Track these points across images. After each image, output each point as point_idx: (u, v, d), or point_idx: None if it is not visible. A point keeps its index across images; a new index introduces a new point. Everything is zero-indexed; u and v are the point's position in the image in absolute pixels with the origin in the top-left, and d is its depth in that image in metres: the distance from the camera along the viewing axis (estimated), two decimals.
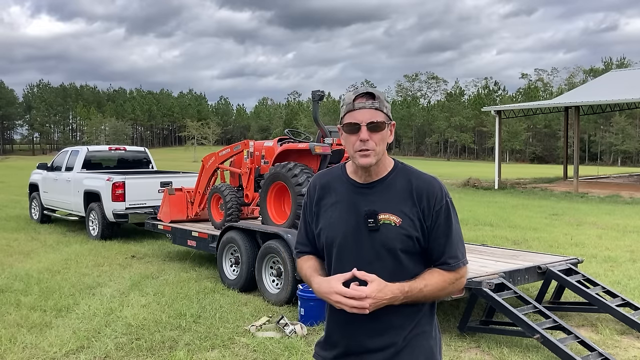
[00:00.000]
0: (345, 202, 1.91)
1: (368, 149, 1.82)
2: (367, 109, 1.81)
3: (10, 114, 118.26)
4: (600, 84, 30.05)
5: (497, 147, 23.96)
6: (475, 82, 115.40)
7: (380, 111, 1.83)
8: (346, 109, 1.85)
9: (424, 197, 1.86)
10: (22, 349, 4.74)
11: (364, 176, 1.90)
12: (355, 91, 1.86)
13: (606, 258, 8.52)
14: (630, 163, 73.74)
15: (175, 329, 5.26)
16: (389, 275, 1.81)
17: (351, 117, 1.83)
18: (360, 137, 1.81)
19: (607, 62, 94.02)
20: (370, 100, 1.82)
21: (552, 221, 13.12)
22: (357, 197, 1.90)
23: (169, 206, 8.59)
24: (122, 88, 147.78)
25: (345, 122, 1.86)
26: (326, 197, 1.96)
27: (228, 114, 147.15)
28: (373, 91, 1.84)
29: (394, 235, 1.83)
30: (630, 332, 5.17)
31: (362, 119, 1.81)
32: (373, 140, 1.82)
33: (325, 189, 1.97)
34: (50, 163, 12.57)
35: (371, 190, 1.89)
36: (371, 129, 1.82)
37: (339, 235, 1.89)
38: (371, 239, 1.85)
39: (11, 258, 8.72)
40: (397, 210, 1.85)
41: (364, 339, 1.88)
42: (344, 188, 1.93)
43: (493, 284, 4.86)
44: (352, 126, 1.83)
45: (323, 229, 1.94)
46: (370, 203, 1.87)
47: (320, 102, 8.74)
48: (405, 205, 1.86)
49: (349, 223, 1.88)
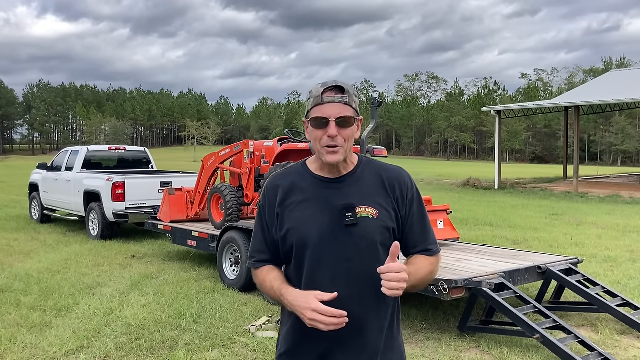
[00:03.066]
0: (316, 198, 1.80)
1: (337, 145, 1.75)
2: (336, 103, 1.74)
3: (10, 113, 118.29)
4: (600, 84, 30.04)
5: (497, 147, 23.96)
6: (475, 82, 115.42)
7: (349, 106, 1.76)
8: (314, 102, 1.77)
9: (396, 187, 1.84)
10: (22, 348, 4.74)
11: (332, 172, 1.82)
12: (324, 84, 1.77)
13: (606, 258, 8.52)
14: (630, 163, 73.73)
15: (175, 329, 5.26)
16: (368, 271, 1.74)
17: (319, 111, 1.75)
18: (329, 133, 1.74)
19: (607, 62, 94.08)
20: (340, 94, 1.75)
21: (552, 221, 13.12)
22: (329, 193, 1.80)
23: (169, 206, 8.59)
24: (122, 88, 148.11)
25: (312, 116, 1.76)
26: (291, 197, 1.82)
27: (228, 114, 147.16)
28: (342, 85, 1.76)
29: (373, 228, 1.78)
30: (630, 332, 5.17)
31: (330, 114, 1.74)
32: (342, 137, 1.75)
33: (288, 189, 1.84)
34: (50, 163, 12.57)
35: (342, 184, 1.81)
36: (340, 125, 1.74)
37: (313, 234, 1.77)
38: (349, 234, 1.76)
39: (11, 258, 8.72)
40: (373, 202, 1.80)
41: (343, 345, 1.79)
42: (312, 185, 1.82)
43: (493, 284, 4.86)
44: (320, 121, 1.75)
45: (291, 229, 1.80)
46: (345, 197, 1.79)
47: None
48: (380, 196, 1.82)
49: (323, 220, 1.77)
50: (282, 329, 1.93)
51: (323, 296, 1.66)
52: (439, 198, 16.94)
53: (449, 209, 6.94)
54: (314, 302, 1.66)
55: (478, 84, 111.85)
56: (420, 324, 5.43)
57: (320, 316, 1.63)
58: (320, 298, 1.66)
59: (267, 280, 1.86)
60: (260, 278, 1.90)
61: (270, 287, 1.84)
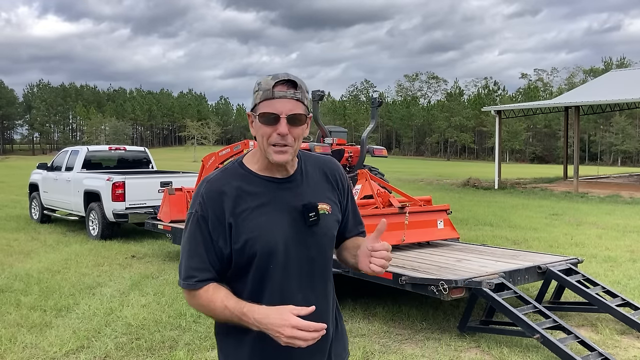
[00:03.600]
0: (272, 202, 1.68)
1: (286, 144, 1.63)
2: (287, 99, 1.61)
3: (10, 113, 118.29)
4: (600, 84, 30.04)
5: (497, 147, 23.96)
6: (475, 82, 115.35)
7: (301, 103, 1.64)
8: (263, 95, 1.62)
9: (337, 179, 1.84)
10: (22, 348, 4.74)
11: (280, 172, 1.71)
12: (275, 76, 1.63)
13: (606, 258, 8.52)
14: (630, 163, 73.75)
15: (175, 329, 5.26)
16: (326, 265, 1.76)
17: (269, 106, 1.61)
18: (279, 131, 1.61)
19: (607, 62, 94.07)
20: (292, 89, 1.62)
21: (552, 221, 13.12)
22: (283, 194, 1.70)
23: (169, 206, 8.59)
24: (122, 88, 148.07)
25: (261, 111, 1.63)
26: (241, 204, 1.65)
27: (228, 113, 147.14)
28: (295, 79, 1.64)
29: (331, 223, 1.76)
30: (630, 332, 5.17)
31: (282, 110, 1.60)
32: (292, 135, 1.63)
33: (236, 195, 1.66)
34: (50, 163, 12.57)
35: (293, 183, 1.72)
36: (291, 122, 1.62)
37: (279, 241, 1.65)
38: (312, 233, 1.71)
39: (11, 258, 8.72)
40: (325, 197, 1.77)
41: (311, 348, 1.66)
42: (263, 187, 1.69)
43: (493, 284, 4.86)
44: (270, 116, 1.61)
45: (251, 240, 1.63)
46: (301, 196, 1.71)
47: (320, 102, 8.75)
48: (328, 190, 1.80)
49: (285, 224, 1.67)
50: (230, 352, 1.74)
51: (299, 311, 1.50)
52: (439, 198, 16.94)
53: (449, 209, 6.94)
54: (291, 318, 1.48)
55: (478, 84, 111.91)
56: (420, 324, 5.43)
57: (301, 332, 1.47)
58: (296, 313, 1.49)
59: (215, 300, 1.61)
60: (204, 299, 1.64)
61: (222, 308, 1.60)
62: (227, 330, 1.73)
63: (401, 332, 5.20)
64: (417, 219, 6.57)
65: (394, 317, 5.62)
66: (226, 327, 1.72)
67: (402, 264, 5.63)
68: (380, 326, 5.35)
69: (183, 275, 1.67)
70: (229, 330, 1.72)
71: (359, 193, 6.96)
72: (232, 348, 1.73)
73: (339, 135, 8.91)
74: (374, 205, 6.54)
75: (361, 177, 7.13)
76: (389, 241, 7.19)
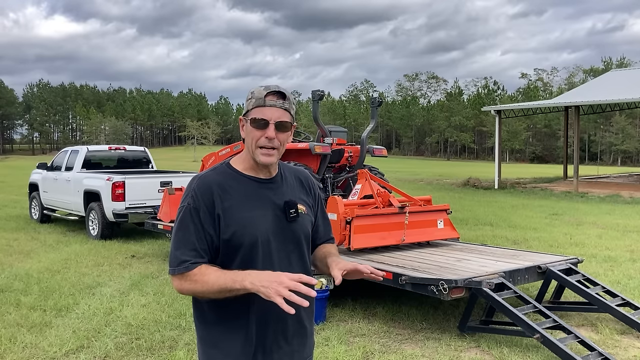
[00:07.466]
0: (257, 198, 1.88)
1: (273, 147, 1.85)
2: (277, 107, 1.84)
3: (10, 113, 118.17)
4: (600, 84, 30.05)
5: (497, 147, 23.96)
6: (475, 82, 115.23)
7: (288, 112, 1.87)
8: (256, 103, 1.84)
9: (311, 186, 2.06)
10: (22, 348, 4.74)
11: (264, 173, 1.92)
12: (267, 87, 1.86)
13: (606, 258, 8.52)
14: (630, 163, 73.72)
15: (175, 328, 5.26)
16: (302, 261, 1.93)
17: (260, 112, 1.83)
18: (267, 134, 1.83)
19: (607, 61, 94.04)
20: (281, 100, 1.85)
21: (552, 221, 13.13)
22: (267, 192, 1.90)
23: (169, 206, 8.58)
24: (122, 87, 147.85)
25: (253, 117, 1.84)
26: (227, 199, 1.83)
27: (228, 113, 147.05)
28: (284, 91, 1.86)
29: (307, 222, 1.97)
30: (630, 332, 5.17)
31: (271, 116, 1.83)
32: (278, 139, 1.85)
33: (223, 190, 1.84)
34: (50, 163, 12.58)
35: (275, 184, 1.93)
36: (278, 128, 1.84)
37: (263, 233, 1.84)
38: (291, 229, 1.90)
39: (11, 258, 8.73)
40: (301, 200, 1.97)
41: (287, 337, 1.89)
42: (247, 185, 1.88)
43: (493, 284, 4.86)
44: (260, 122, 1.83)
45: (238, 231, 1.80)
46: (282, 195, 1.92)
47: (319, 102, 8.75)
48: (303, 194, 2.01)
49: (269, 218, 1.87)
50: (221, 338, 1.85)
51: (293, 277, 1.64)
52: (439, 198, 16.94)
53: (448, 209, 6.94)
54: (284, 275, 1.63)
55: (478, 84, 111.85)
56: (420, 324, 5.43)
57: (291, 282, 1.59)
58: (290, 277, 1.63)
59: (209, 274, 1.74)
60: (198, 277, 1.75)
61: (217, 276, 1.72)
62: (216, 318, 1.85)
63: (401, 332, 5.20)
64: (417, 218, 6.57)
65: (394, 317, 5.62)
66: (215, 314, 1.84)
67: (402, 264, 5.63)
68: (380, 326, 5.35)
69: (175, 263, 1.79)
70: (218, 317, 1.84)
71: (359, 193, 6.96)
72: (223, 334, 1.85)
73: (339, 135, 8.91)
74: (374, 205, 6.54)
75: (361, 177, 7.12)
76: (389, 241, 7.15)
